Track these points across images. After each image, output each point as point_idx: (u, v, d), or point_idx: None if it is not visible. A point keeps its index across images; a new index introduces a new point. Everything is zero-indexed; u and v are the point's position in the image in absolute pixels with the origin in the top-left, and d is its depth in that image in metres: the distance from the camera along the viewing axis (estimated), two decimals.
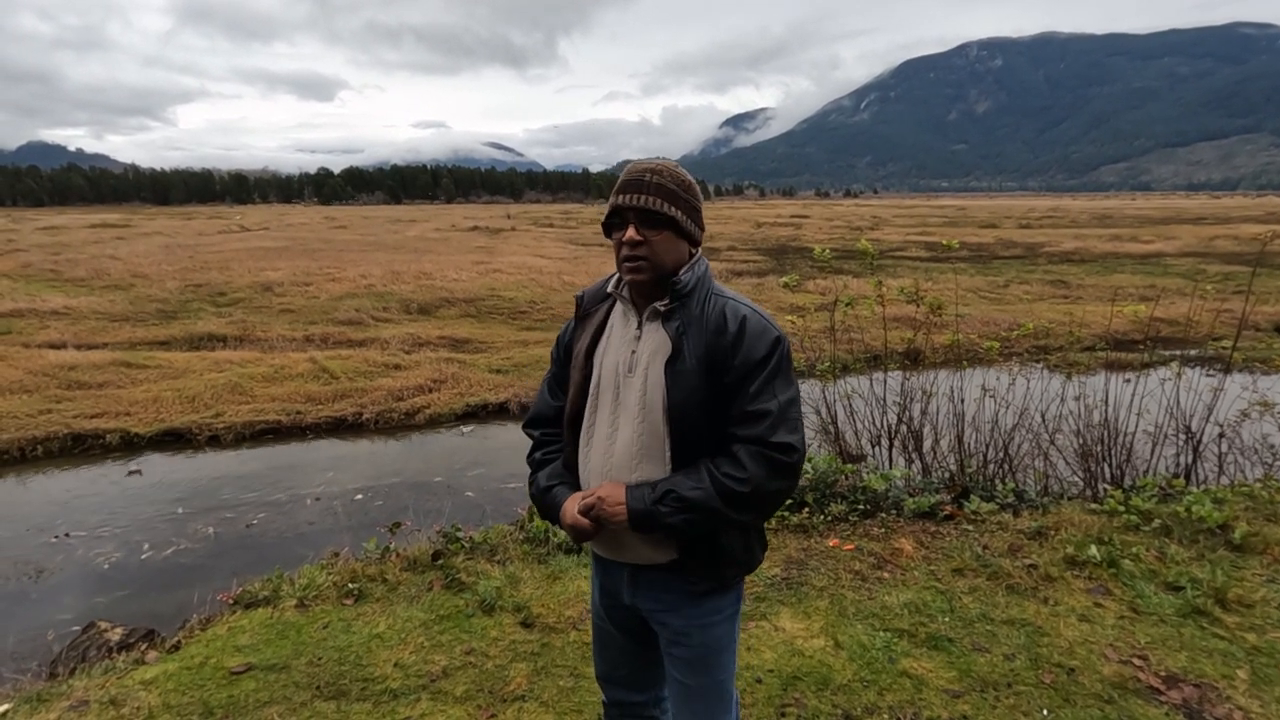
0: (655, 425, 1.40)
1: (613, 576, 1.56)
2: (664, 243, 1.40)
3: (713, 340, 1.37)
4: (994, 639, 2.79)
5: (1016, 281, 18.00)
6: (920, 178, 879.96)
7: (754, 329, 1.39)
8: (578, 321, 1.57)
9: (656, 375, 1.39)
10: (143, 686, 2.48)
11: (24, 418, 7.61)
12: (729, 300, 1.44)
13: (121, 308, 14.29)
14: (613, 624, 1.62)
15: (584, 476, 1.49)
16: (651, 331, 1.43)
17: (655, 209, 1.37)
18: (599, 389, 1.48)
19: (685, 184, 1.42)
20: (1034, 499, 4.06)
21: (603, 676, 1.70)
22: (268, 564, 4.33)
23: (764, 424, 1.36)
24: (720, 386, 1.38)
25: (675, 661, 1.54)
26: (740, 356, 1.37)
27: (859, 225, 42.87)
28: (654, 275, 1.40)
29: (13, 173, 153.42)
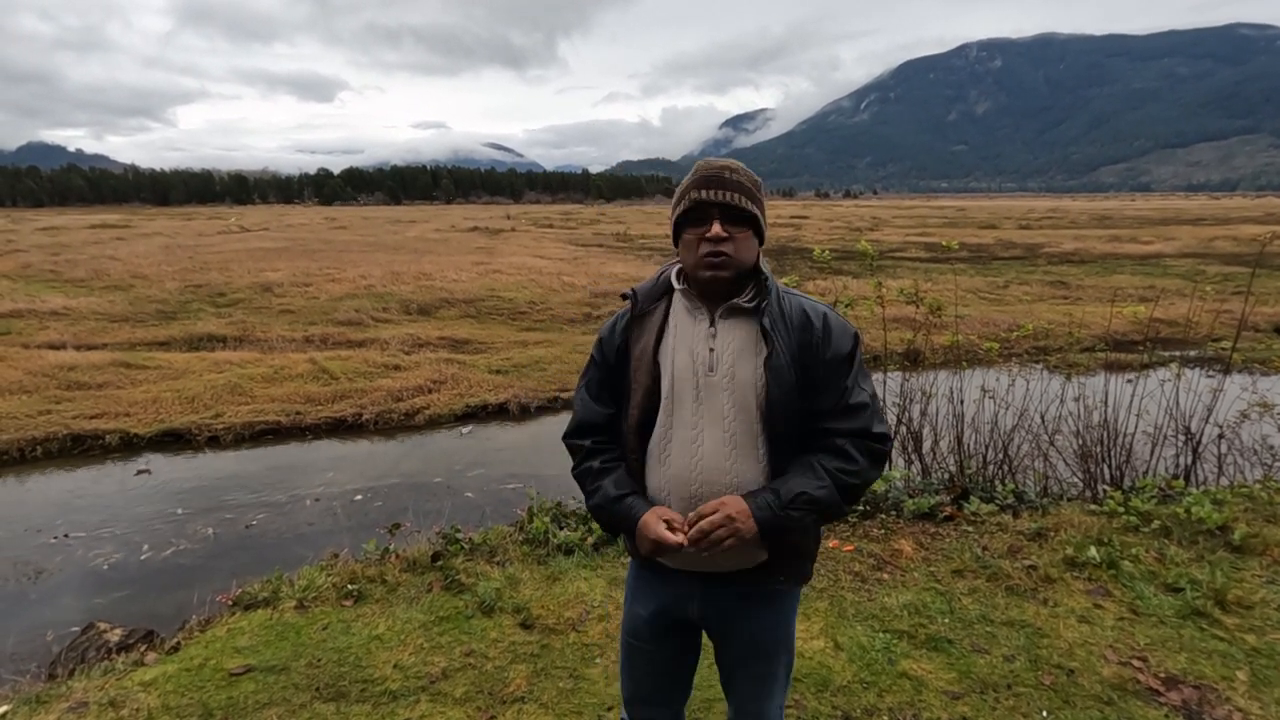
0: (748, 424, 1.38)
1: (679, 589, 1.50)
2: (745, 241, 1.39)
3: (801, 337, 1.39)
4: (994, 640, 2.79)
5: (1016, 282, 18.00)
6: (920, 178, 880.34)
7: (837, 325, 1.43)
8: (634, 320, 1.50)
9: (748, 372, 1.38)
10: (142, 688, 2.48)
11: (23, 418, 7.61)
12: (798, 298, 1.46)
13: (121, 308, 14.28)
14: (657, 642, 1.57)
15: (660, 483, 1.43)
16: (730, 328, 1.41)
17: (740, 205, 1.36)
18: (674, 390, 1.42)
19: (757, 183, 1.43)
20: (1034, 500, 4.06)
21: (636, 699, 1.65)
22: (267, 565, 4.33)
23: (864, 416, 1.40)
24: (807, 382, 1.39)
25: (745, 657, 1.55)
26: (830, 352, 1.40)
27: (858, 226, 42.88)
28: (735, 273, 1.38)
29: (12, 173, 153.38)
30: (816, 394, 1.40)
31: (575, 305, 14.82)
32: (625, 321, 1.51)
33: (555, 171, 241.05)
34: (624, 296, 1.52)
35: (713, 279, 1.39)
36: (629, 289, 1.52)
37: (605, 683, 2.54)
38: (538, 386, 9.20)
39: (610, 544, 3.58)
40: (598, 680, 2.56)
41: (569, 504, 4.12)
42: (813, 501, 1.34)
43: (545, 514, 3.83)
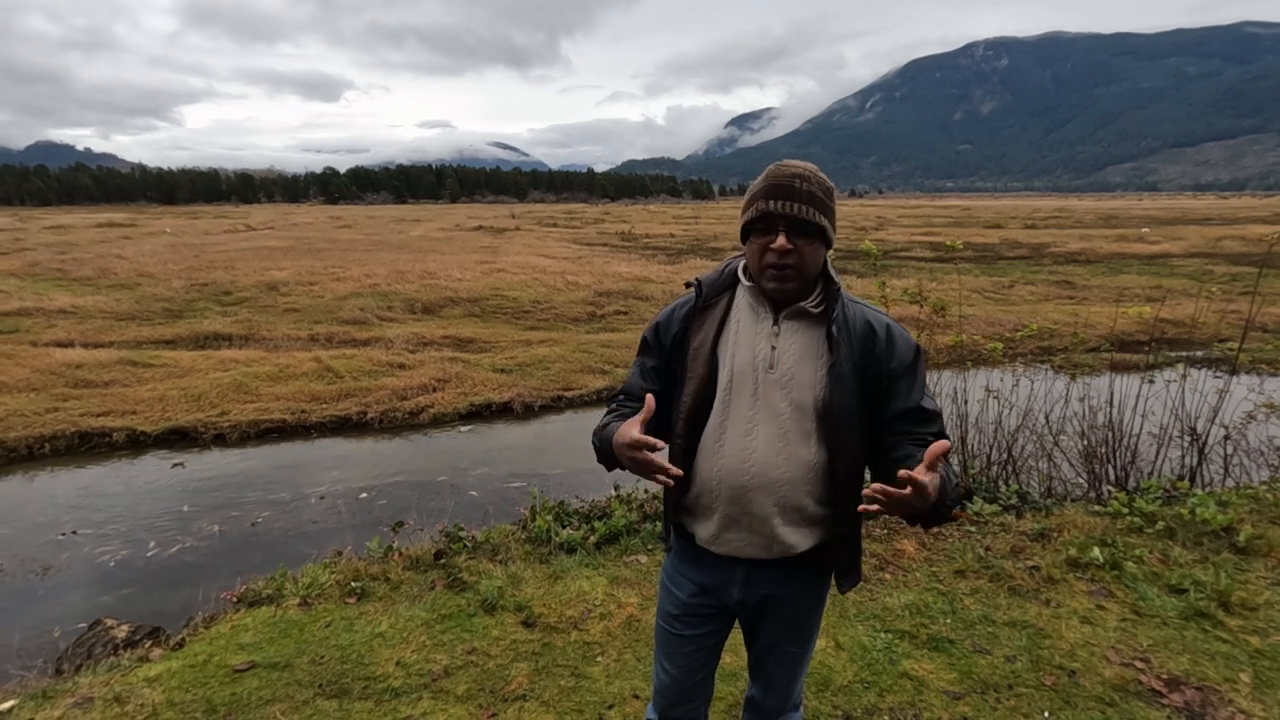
0: (803, 424, 1.41)
1: (721, 573, 1.54)
2: (812, 251, 1.40)
3: (864, 346, 1.42)
4: (995, 641, 2.79)
5: (1022, 282, 17.93)
6: (925, 178, 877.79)
7: (900, 336, 1.46)
8: (696, 311, 1.53)
9: (808, 375, 1.41)
10: (147, 684, 2.50)
11: (31, 416, 7.65)
12: (863, 307, 1.49)
13: (128, 307, 14.35)
14: (695, 628, 1.61)
15: (712, 472, 1.46)
16: (794, 330, 1.44)
17: (808, 218, 1.36)
18: (731, 384, 1.45)
19: (829, 190, 1.42)
20: (1037, 500, 4.06)
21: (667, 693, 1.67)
22: (272, 562, 4.35)
23: (939, 422, 1.45)
24: (870, 390, 1.42)
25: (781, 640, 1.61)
26: (895, 362, 1.43)
27: (863, 225, 42.78)
28: (800, 284, 1.42)
29: (21, 172, 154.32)
30: (881, 402, 1.44)
31: (579, 305, 14.82)
32: (686, 310, 1.55)
33: (560, 170, 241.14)
34: (689, 285, 1.56)
35: (777, 290, 1.43)
36: (694, 279, 1.56)
37: (606, 681, 2.55)
38: (541, 385, 9.21)
39: (612, 543, 3.59)
40: (599, 679, 2.57)
41: (571, 503, 4.13)
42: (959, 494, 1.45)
43: (548, 513, 3.84)
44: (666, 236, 35.45)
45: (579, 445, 7.66)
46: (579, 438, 7.92)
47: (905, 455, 1.39)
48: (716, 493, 1.46)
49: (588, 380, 9.47)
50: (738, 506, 1.44)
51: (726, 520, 1.46)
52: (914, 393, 1.43)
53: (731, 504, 1.45)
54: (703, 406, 1.47)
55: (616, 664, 2.65)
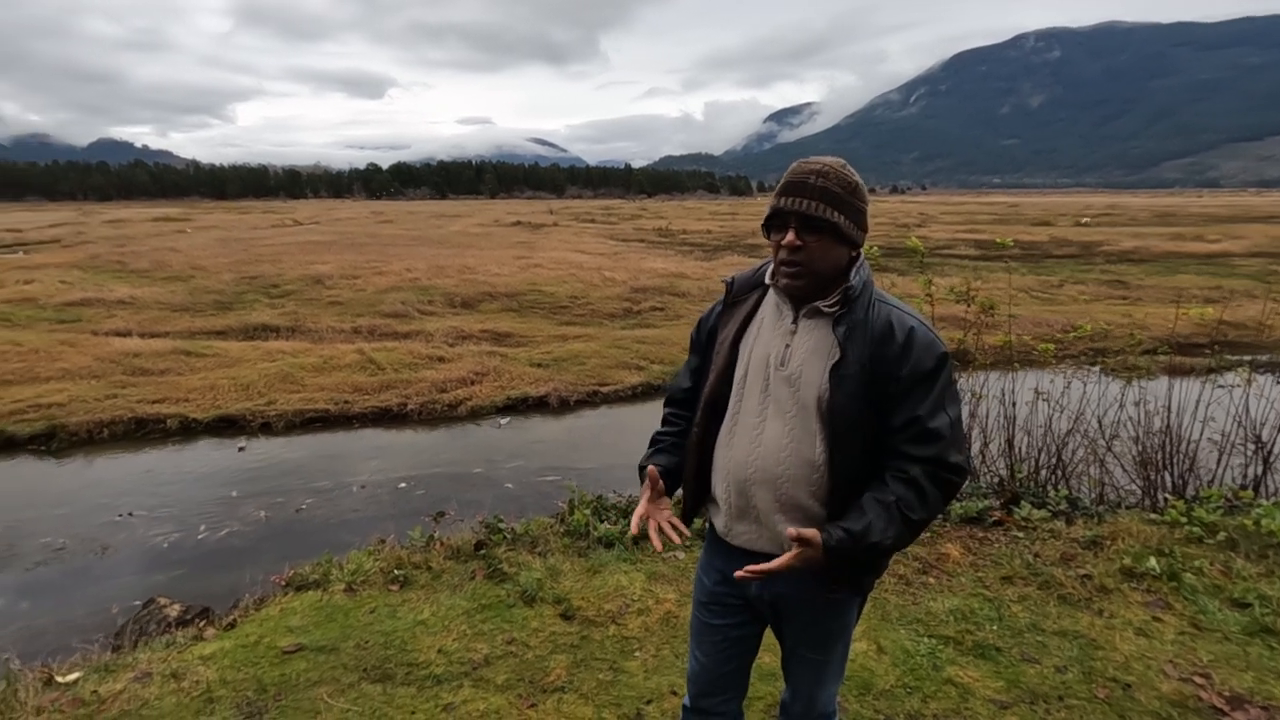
0: (808, 423, 1.41)
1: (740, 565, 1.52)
2: (821, 248, 1.38)
3: (877, 349, 1.37)
4: (1045, 650, 2.70)
5: (1071, 281, 17.37)
6: (969, 174, 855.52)
7: (921, 341, 1.37)
8: (726, 307, 1.57)
9: (814, 374, 1.40)
10: (201, 662, 2.59)
11: (92, 402, 7.99)
12: (894, 308, 1.42)
13: (181, 298, 14.87)
14: (721, 617, 1.62)
15: (722, 463, 1.50)
16: (810, 329, 1.43)
17: (817, 214, 1.35)
18: (746, 378, 1.48)
19: (851, 186, 1.38)
20: (1088, 507, 3.92)
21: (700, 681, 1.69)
22: (315, 548, 4.46)
23: (939, 444, 1.36)
24: (880, 394, 1.37)
25: (800, 643, 1.59)
26: (908, 368, 1.36)
27: (905, 222, 41.91)
28: (811, 281, 1.40)
29: (83, 168, 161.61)
30: (888, 408, 1.38)
31: (615, 300, 14.86)
32: (721, 307, 1.60)
33: (597, 167, 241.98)
34: (725, 282, 1.59)
35: (788, 286, 1.43)
36: (730, 276, 1.59)
37: (644, 676, 2.55)
38: (577, 380, 9.26)
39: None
40: (637, 674, 2.57)
41: (609, 498, 4.14)
42: (882, 553, 1.38)
43: (586, 507, 3.85)
44: (703, 233, 35.30)
45: (612, 441, 7.68)
46: (613, 433, 7.94)
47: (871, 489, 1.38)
48: (727, 484, 1.49)
49: (623, 376, 9.49)
50: (743, 500, 1.47)
51: (735, 512, 1.49)
52: (922, 405, 1.35)
53: (738, 496, 1.48)
54: (720, 399, 1.51)
55: (654, 659, 2.65)
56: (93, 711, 2.32)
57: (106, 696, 2.38)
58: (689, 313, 13.81)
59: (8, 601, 4.42)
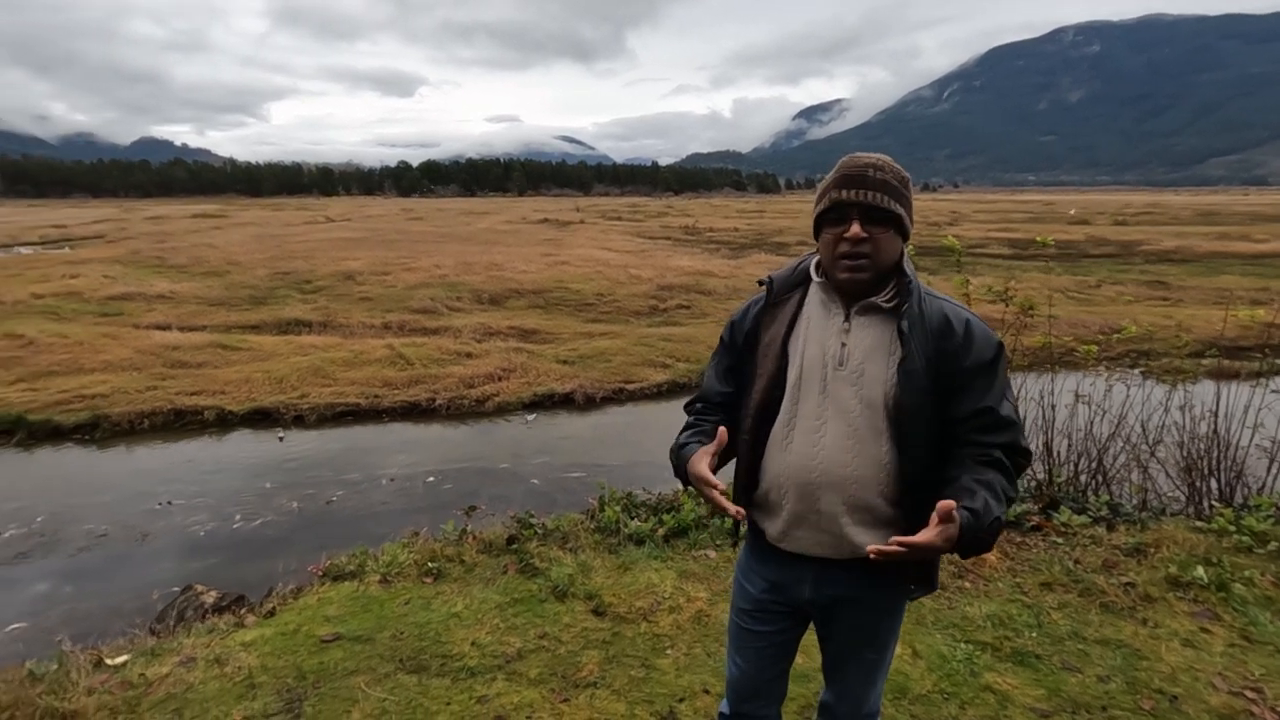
0: (874, 421, 1.38)
1: (794, 571, 1.52)
2: (887, 240, 1.37)
3: (939, 343, 1.37)
4: (1086, 659, 2.64)
5: (1109, 281, 16.92)
6: (1004, 171, 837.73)
7: (980, 332, 1.39)
8: (768, 308, 1.53)
9: (877, 371, 1.38)
10: (243, 648, 2.65)
11: (133, 393, 8.21)
12: (943, 301, 1.43)
13: (218, 293, 15.22)
14: (766, 624, 1.59)
15: (780, 469, 1.45)
16: (865, 325, 1.41)
17: (882, 205, 1.34)
18: (801, 380, 1.44)
19: (905, 180, 1.38)
20: (1131, 513, 3.82)
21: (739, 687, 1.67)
22: (345, 540, 4.54)
23: (1012, 430, 1.38)
24: (944, 387, 1.37)
25: (857, 645, 1.57)
26: (970, 359, 1.37)
27: (935, 220, 41.23)
28: (875, 274, 1.38)
29: (126, 166, 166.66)
30: (954, 400, 1.38)
31: (641, 298, 14.85)
32: (759, 308, 1.55)
33: (624, 164, 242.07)
34: (761, 283, 1.55)
35: (850, 280, 1.40)
36: (767, 275, 1.55)
37: (676, 674, 2.55)
38: (602, 378, 9.28)
39: (681, 537, 3.58)
40: (669, 671, 2.56)
41: (638, 495, 4.14)
42: (1000, 523, 1.33)
43: (616, 503, 3.86)
44: (730, 231, 35.12)
45: (638, 438, 7.68)
46: (638, 431, 7.94)
47: (954, 477, 1.35)
48: (784, 489, 1.44)
49: (648, 374, 9.49)
50: (805, 504, 1.42)
51: (794, 518, 1.45)
52: (989, 394, 1.36)
53: (799, 501, 1.43)
54: (772, 403, 1.46)
55: (686, 657, 2.64)
56: (140, 694, 2.39)
57: (153, 679, 2.45)
58: (715, 311, 13.75)
59: (55, 585, 4.57)
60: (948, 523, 1.24)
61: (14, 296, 14.11)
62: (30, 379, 8.75)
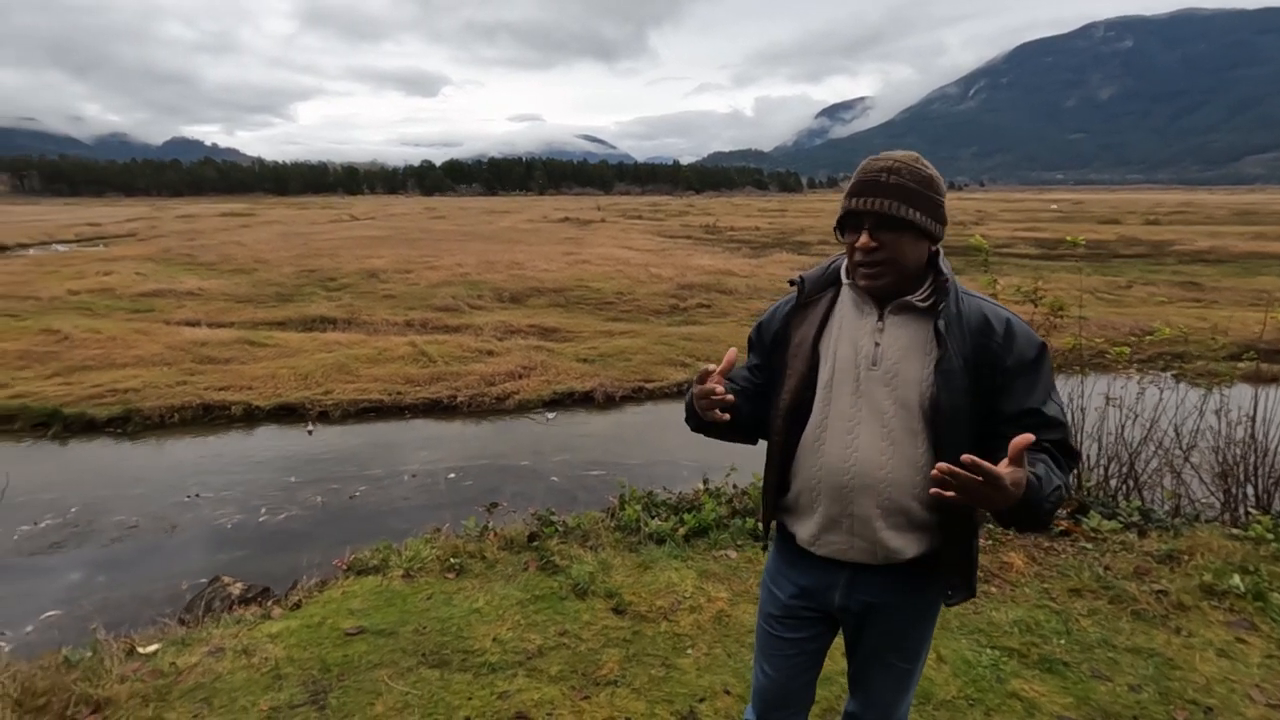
0: (909, 423, 1.35)
1: (825, 576, 1.49)
2: (904, 245, 1.33)
3: (978, 341, 1.33)
4: (1116, 667, 2.58)
5: (1140, 282, 16.57)
6: (1031, 169, 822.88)
7: (1021, 331, 1.35)
8: (798, 308, 1.51)
9: (913, 372, 1.34)
10: (269, 639, 2.69)
11: (164, 388, 8.39)
12: (980, 300, 1.40)
13: (245, 290, 15.49)
14: (796, 631, 1.56)
15: (813, 470, 1.42)
16: (900, 325, 1.37)
17: (892, 213, 1.30)
18: (833, 380, 1.41)
19: (925, 179, 1.33)
20: (1163, 519, 3.73)
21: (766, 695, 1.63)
22: (368, 534, 4.59)
23: (1061, 429, 1.33)
24: (984, 388, 1.33)
25: (887, 652, 1.52)
26: (1013, 358, 1.33)
27: (960, 219, 40.67)
28: (894, 280, 1.36)
29: (157, 166, 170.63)
30: (996, 401, 1.34)
31: (661, 297, 14.84)
32: (789, 308, 1.53)
33: (644, 163, 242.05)
34: (792, 283, 1.53)
35: (868, 287, 1.39)
36: (798, 275, 1.53)
37: (697, 674, 2.54)
38: (622, 376, 9.29)
39: (701, 536, 3.57)
40: (689, 671, 2.55)
41: (659, 494, 4.13)
42: (1060, 499, 1.29)
43: (636, 502, 3.86)
44: (751, 230, 34.95)
45: (657, 437, 7.68)
46: (658, 430, 7.93)
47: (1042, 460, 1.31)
48: (817, 492, 1.41)
49: (668, 373, 9.47)
50: (839, 507, 1.39)
51: (827, 521, 1.41)
52: (1034, 394, 1.32)
53: (833, 504, 1.40)
54: (803, 404, 1.43)
55: (707, 657, 2.63)
56: (170, 683, 2.44)
57: (183, 669, 2.50)
58: (736, 311, 13.69)
59: (88, 574, 4.69)
60: (1018, 464, 1.15)
61: (50, 293, 14.49)
62: (65, 373, 8.98)
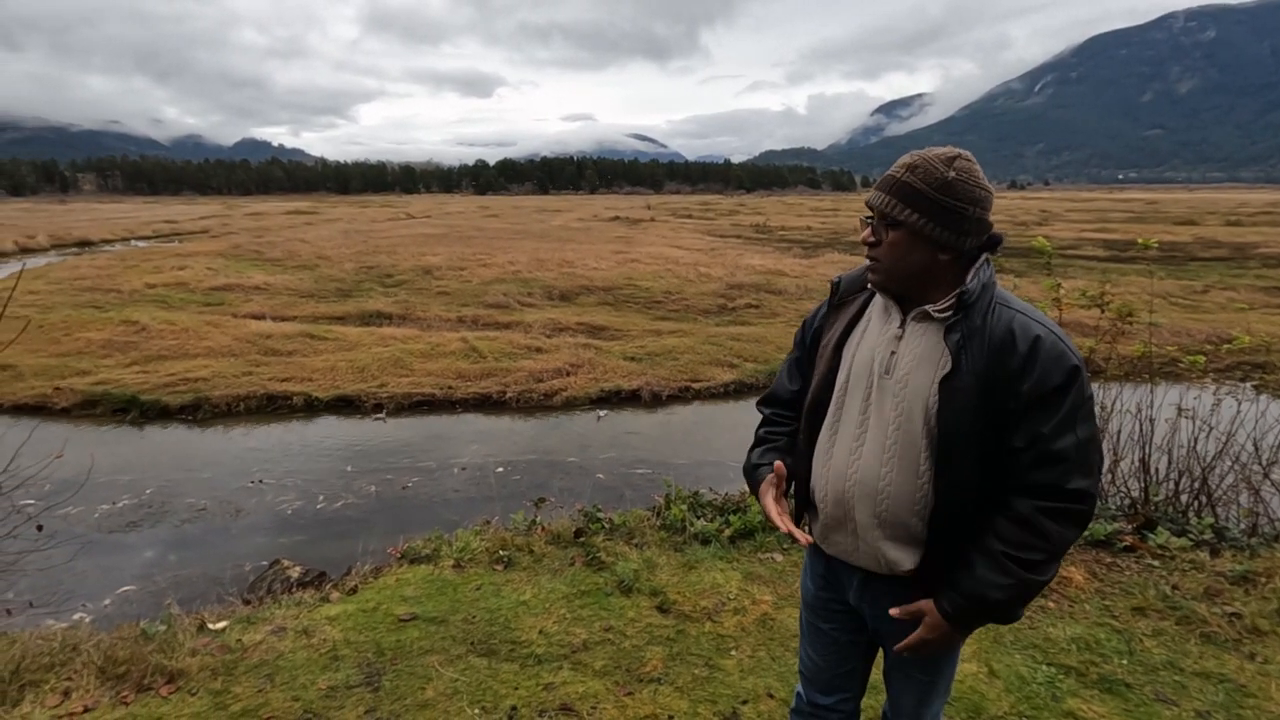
0: (913, 436, 1.31)
1: (838, 574, 1.52)
2: (895, 246, 1.30)
3: (996, 358, 1.23)
4: (1183, 691, 2.46)
5: (1219, 286, 15.65)
6: (1102, 167, 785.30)
7: (1048, 352, 1.22)
8: (831, 309, 1.51)
9: (921, 384, 1.30)
10: (328, 622, 2.81)
11: (231, 378, 8.82)
12: (1017, 314, 1.27)
13: (308, 285, 16.11)
14: (827, 621, 1.58)
15: (819, 474, 1.44)
16: (918, 334, 1.33)
17: (887, 211, 1.28)
18: (848, 384, 1.40)
19: (940, 182, 1.25)
20: (1238, 538, 3.53)
21: (809, 677, 1.65)
22: (420, 524, 4.73)
23: (1059, 468, 1.22)
24: (999, 410, 1.24)
25: (902, 661, 1.50)
26: (1030, 382, 1.22)
27: (1023, 220, 39.16)
28: (885, 279, 1.34)
29: (229, 166, 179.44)
30: (1009, 427, 1.25)
31: (710, 296, 14.78)
32: (826, 308, 1.54)
33: (695, 162, 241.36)
34: (831, 283, 1.54)
35: (870, 281, 1.39)
36: (837, 276, 1.53)
37: (740, 676, 2.53)
38: (669, 376, 9.29)
39: (747, 539, 3.56)
40: (733, 672, 2.55)
41: (704, 494, 4.13)
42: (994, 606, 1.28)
43: (682, 502, 3.87)
44: (803, 229, 34.44)
45: (705, 437, 7.66)
46: (705, 430, 7.91)
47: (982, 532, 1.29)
48: (823, 494, 1.42)
49: (715, 373, 9.43)
50: (840, 511, 1.40)
51: (831, 522, 1.43)
52: (1047, 423, 1.20)
53: (835, 508, 1.41)
54: (820, 405, 1.45)
55: (750, 660, 2.62)
56: (237, 658, 2.57)
57: (249, 645, 2.64)
58: (786, 311, 13.53)
59: (162, 552, 4.98)
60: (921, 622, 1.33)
61: (131, 286, 15.38)
62: (143, 362, 9.53)
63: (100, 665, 2.45)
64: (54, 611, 3.79)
